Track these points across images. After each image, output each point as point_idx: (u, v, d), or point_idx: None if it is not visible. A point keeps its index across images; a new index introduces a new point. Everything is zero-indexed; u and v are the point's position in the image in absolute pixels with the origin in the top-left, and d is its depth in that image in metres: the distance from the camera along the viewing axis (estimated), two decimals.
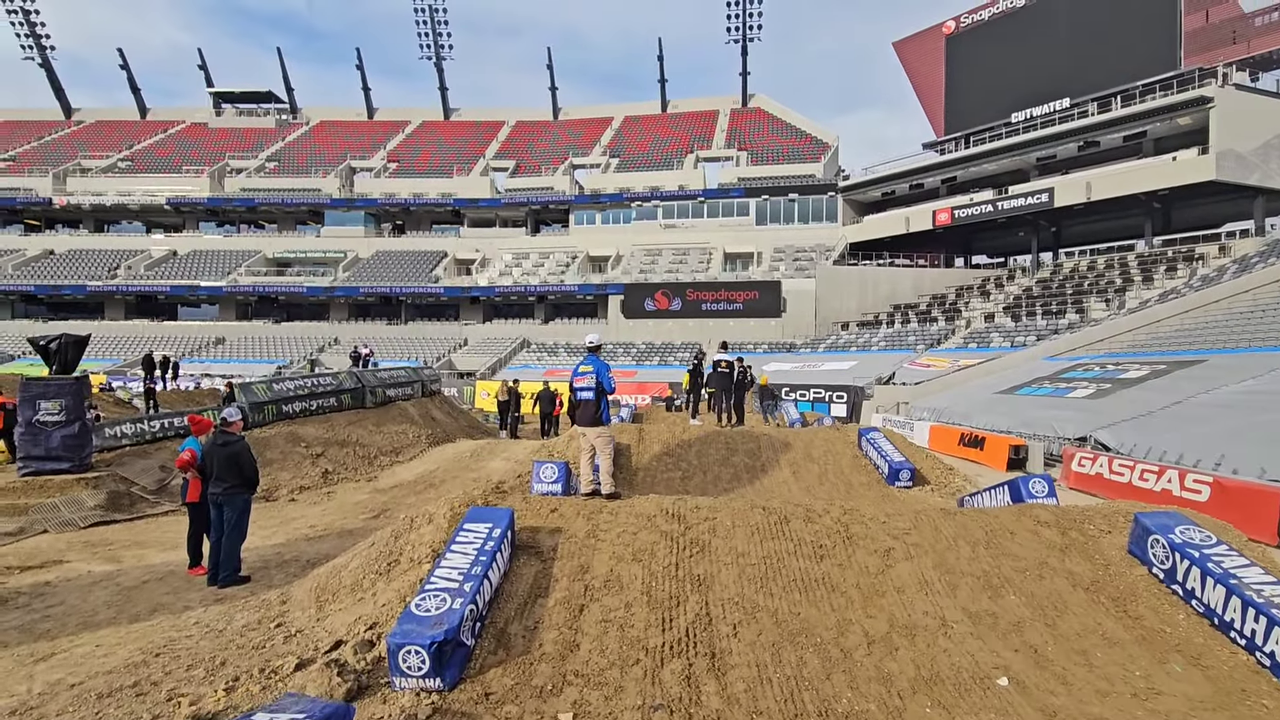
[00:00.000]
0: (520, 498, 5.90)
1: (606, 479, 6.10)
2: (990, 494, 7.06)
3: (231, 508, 6.39)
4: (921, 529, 5.40)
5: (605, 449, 6.29)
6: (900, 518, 5.56)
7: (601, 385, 6.27)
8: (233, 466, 6.38)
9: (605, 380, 6.34)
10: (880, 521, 5.49)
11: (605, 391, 6.30)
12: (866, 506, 5.95)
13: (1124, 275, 30.28)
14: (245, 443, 6.58)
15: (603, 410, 6.39)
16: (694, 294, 38.69)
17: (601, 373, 6.32)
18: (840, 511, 5.65)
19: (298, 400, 11.07)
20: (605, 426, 6.39)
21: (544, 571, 4.87)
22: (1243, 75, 29.90)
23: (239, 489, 6.42)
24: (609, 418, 6.42)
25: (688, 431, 12.24)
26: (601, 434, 6.34)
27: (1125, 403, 14.70)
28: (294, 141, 57.79)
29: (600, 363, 6.39)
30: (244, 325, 43.53)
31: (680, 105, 60.30)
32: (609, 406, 6.42)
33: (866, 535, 5.31)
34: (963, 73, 41.60)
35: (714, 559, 5.03)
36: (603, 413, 6.37)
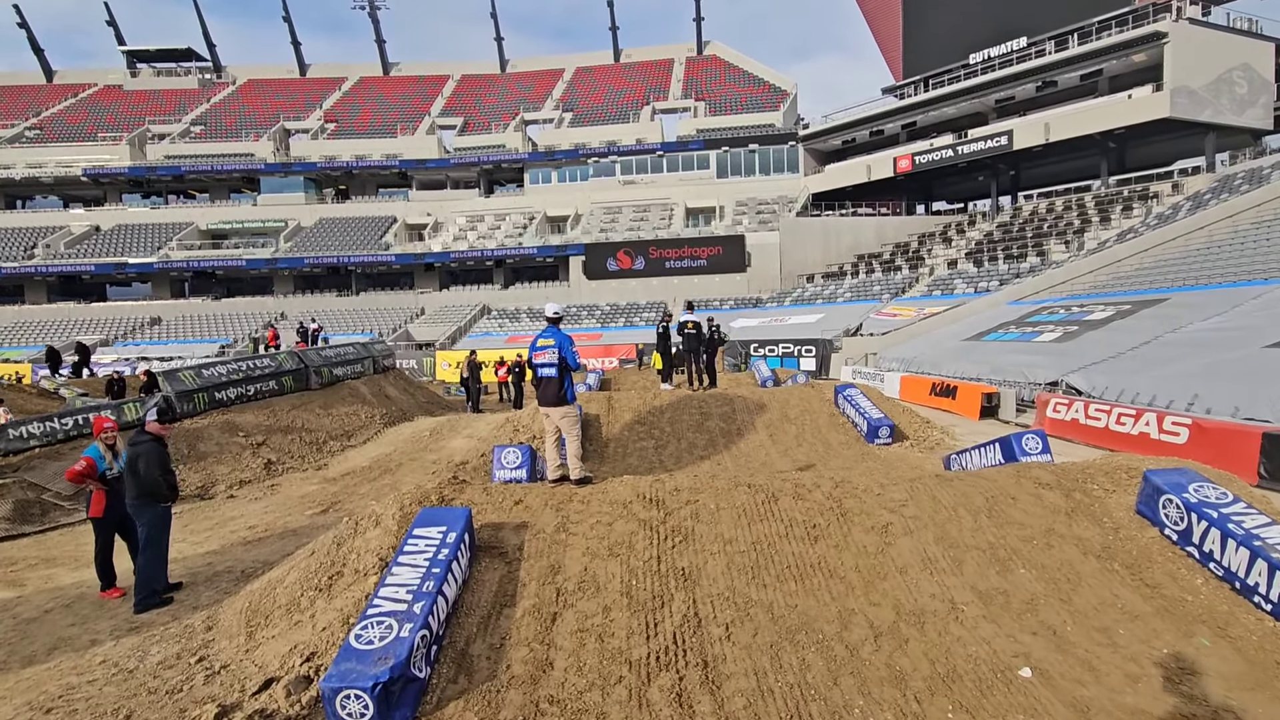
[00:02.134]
0: (480, 488, 5.28)
1: (575, 464, 5.54)
2: (980, 452, 6.73)
3: (140, 522, 5.54)
4: (919, 499, 4.98)
5: (572, 430, 5.72)
6: (895, 487, 5.14)
7: (565, 361, 5.64)
8: (135, 472, 5.47)
9: (568, 355, 5.71)
10: (875, 494, 5.06)
11: (569, 368, 5.69)
12: (858, 476, 5.51)
13: (1082, 216, 30.55)
14: (152, 445, 5.58)
15: (567, 388, 5.76)
16: (657, 251, 37.85)
17: (564, 346, 5.70)
18: (832, 485, 5.19)
19: (232, 386, 10.12)
20: (570, 406, 5.77)
21: (510, 575, 4.29)
22: (1195, 9, 29.83)
23: (145, 499, 5.50)
24: (574, 396, 5.82)
25: (659, 397, 11.73)
26: (567, 414, 5.75)
27: (1093, 345, 14.70)
28: (220, 103, 53.92)
29: (562, 335, 5.75)
30: (181, 304, 41.11)
31: (634, 55, 58.05)
32: (574, 383, 5.82)
33: (862, 510, 4.87)
34: (920, 14, 40.85)
35: (699, 548, 4.52)
36: (567, 391, 5.76)
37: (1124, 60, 30.31)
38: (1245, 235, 19.66)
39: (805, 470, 6.59)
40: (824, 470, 6.49)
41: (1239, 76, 29.95)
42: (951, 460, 7.31)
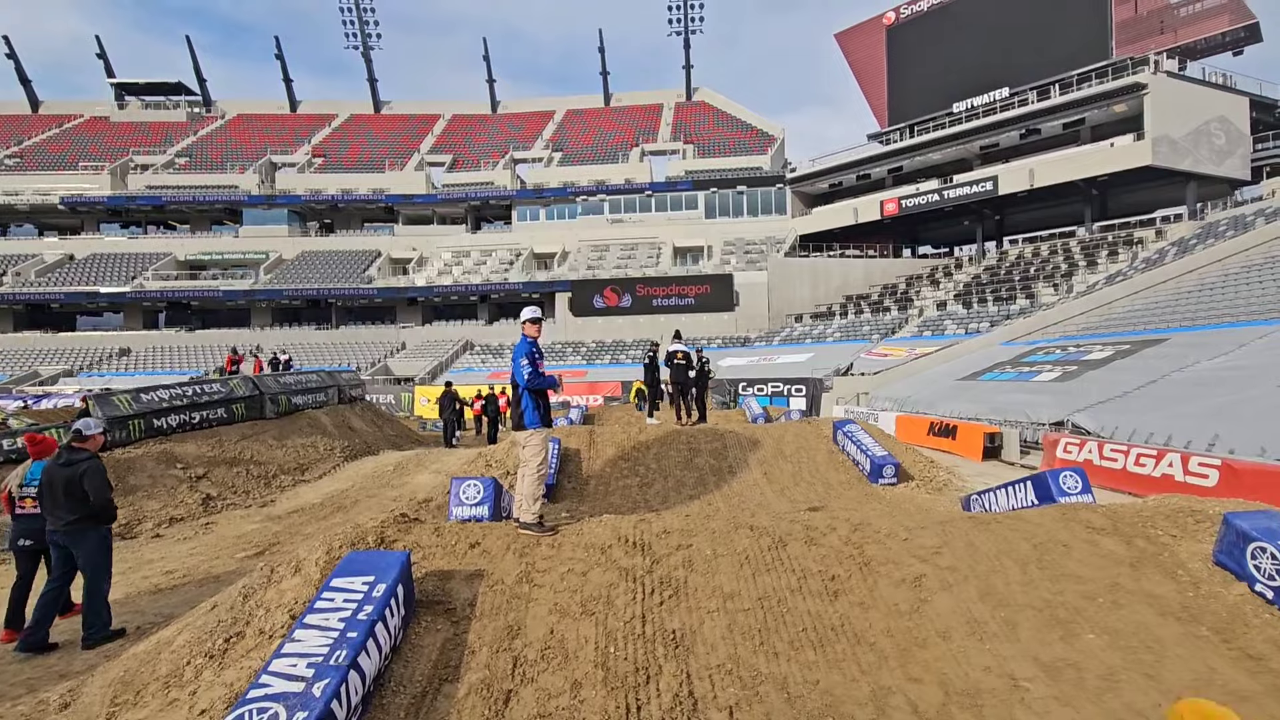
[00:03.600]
0: (430, 529, 4.40)
1: (523, 502, 4.66)
2: (1008, 493, 5.96)
3: (82, 548, 4.86)
4: (954, 546, 4.17)
5: (529, 459, 4.80)
6: (925, 531, 4.33)
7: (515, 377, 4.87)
8: (74, 493, 4.78)
9: (515, 369, 4.84)
10: (901, 538, 4.24)
11: (532, 385, 4.87)
12: (877, 518, 4.70)
13: (1068, 260, 30.62)
14: (97, 462, 4.97)
15: (525, 409, 4.88)
16: (644, 289, 37.43)
17: (515, 357, 4.88)
18: (849, 528, 4.38)
19: (174, 412, 9.17)
20: (528, 432, 4.86)
21: (456, 639, 3.40)
22: (1172, 63, 30.64)
23: (86, 522, 4.83)
24: (534, 420, 4.86)
25: (644, 432, 10.90)
26: (529, 440, 4.86)
27: (1097, 384, 14.14)
28: (208, 135, 53.69)
29: (520, 344, 4.94)
30: (152, 335, 39.82)
31: (623, 99, 58.95)
32: (535, 405, 4.84)
33: (888, 559, 4.05)
34: (904, 63, 41.78)
35: (693, 605, 3.66)
36: (525, 412, 4.89)
37: (1105, 110, 30.92)
38: (1237, 278, 19.51)
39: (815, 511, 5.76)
40: (836, 510, 5.66)
41: (1216, 128, 30.62)
42: (972, 502, 6.53)
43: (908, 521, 4.50)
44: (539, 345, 4.97)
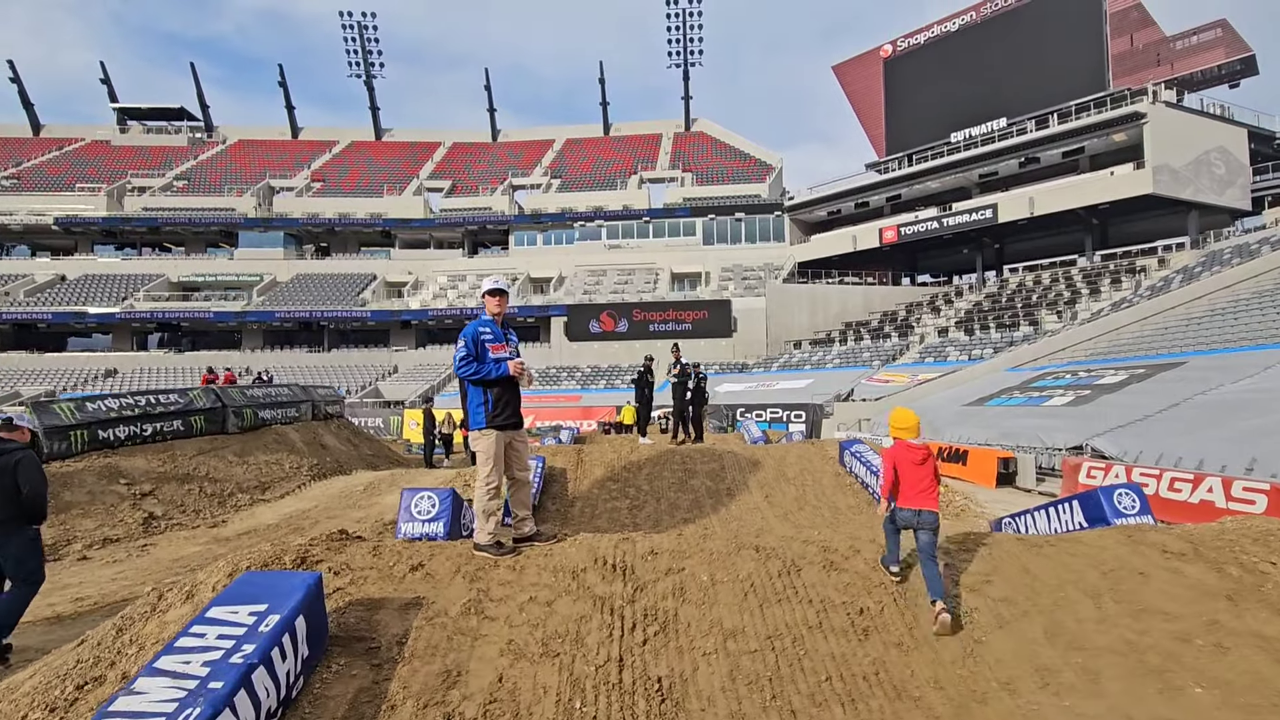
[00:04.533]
0: (369, 548, 3.63)
1: (478, 519, 3.84)
2: (1050, 515, 5.18)
3: (9, 549, 4.19)
4: (1006, 573, 3.41)
5: (480, 467, 3.99)
6: (968, 556, 3.57)
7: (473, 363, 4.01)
8: (4, 486, 4.13)
9: (455, 357, 4.06)
10: (940, 563, 3.47)
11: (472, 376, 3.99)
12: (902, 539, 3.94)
13: (1071, 288, 30.17)
14: (30, 455, 4.33)
15: (470, 404, 4.02)
16: (641, 314, 36.88)
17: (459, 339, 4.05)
18: (877, 550, 3.61)
19: (123, 423, 8.40)
20: (477, 433, 3.99)
21: (374, 689, 2.61)
22: (1170, 94, 30.68)
23: (14, 521, 4.20)
24: (482, 418, 3.96)
25: (636, 452, 10.12)
26: (476, 444, 4.01)
27: (1114, 408, 13.43)
28: (208, 160, 53.72)
29: (469, 325, 4.11)
30: (140, 356, 39.03)
31: (623, 128, 59.34)
32: (482, 401, 3.97)
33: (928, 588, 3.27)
34: (902, 95, 42.04)
35: (685, 645, 2.88)
36: (471, 410, 4.01)
37: (1105, 139, 30.83)
38: (1249, 303, 18.97)
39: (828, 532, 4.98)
40: (857, 531, 4.88)
41: (1216, 158, 30.51)
42: (1004, 525, 5.75)
43: (945, 543, 3.73)
44: (500, 326, 4.17)
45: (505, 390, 4.04)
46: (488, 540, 3.66)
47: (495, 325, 4.15)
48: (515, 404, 4.12)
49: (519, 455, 4.11)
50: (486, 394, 3.98)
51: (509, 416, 4.04)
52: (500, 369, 3.98)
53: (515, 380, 4.06)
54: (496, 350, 4.03)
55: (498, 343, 4.07)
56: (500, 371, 3.98)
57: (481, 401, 3.98)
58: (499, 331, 4.14)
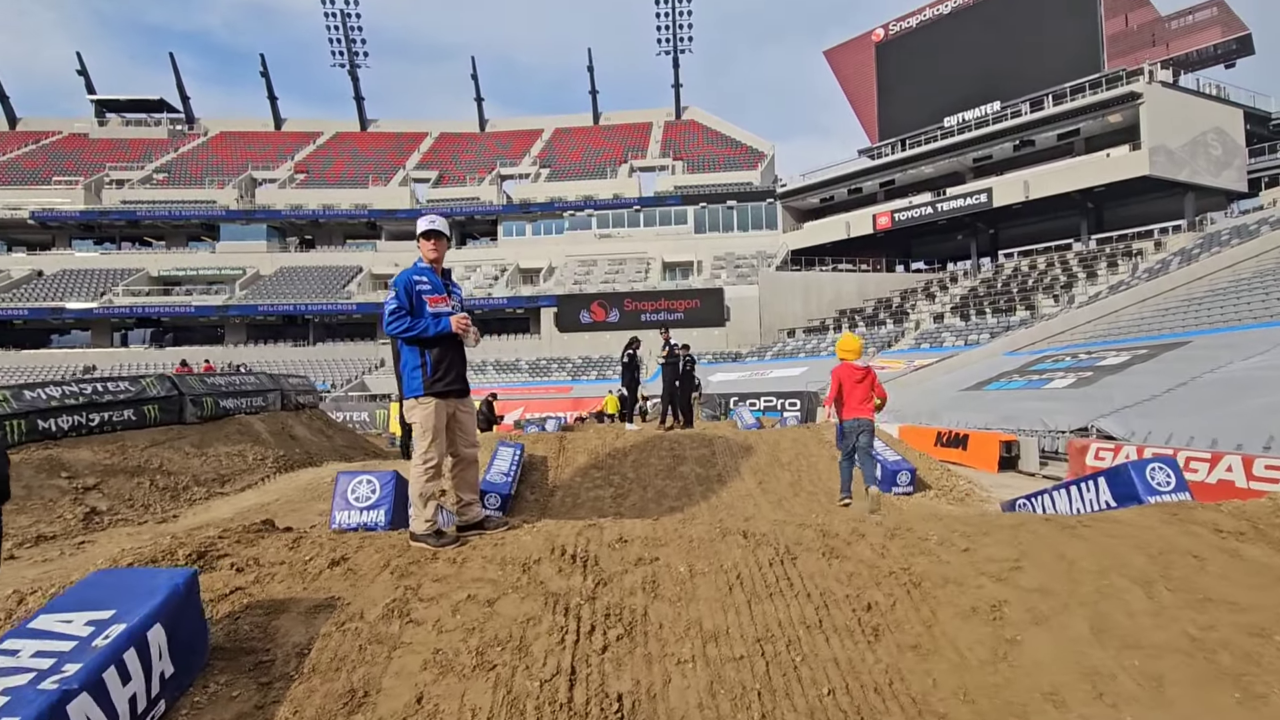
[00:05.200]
0: (287, 540, 3.08)
1: (414, 505, 3.26)
2: (1071, 494, 4.66)
3: None
4: (1037, 559, 2.88)
5: (417, 441, 3.39)
6: (990, 538, 3.04)
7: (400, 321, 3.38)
8: None
9: (384, 310, 3.46)
10: (959, 547, 2.95)
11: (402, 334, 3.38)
12: (919, 521, 3.40)
13: (1067, 272, 29.80)
14: None
15: (405, 365, 3.41)
16: (632, 304, 36.30)
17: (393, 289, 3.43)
18: (884, 534, 3.08)
19: (66, 413, 7.81)
20: (412, 402, 3.39)
21: (256, 716, 2.06)
22: (1166, 74, 30.26)
23: None
24: (418, 383, 3.36)
25: (621, 438, 9.58)
26: (411, 414, 3.39)
27: (1119, 389, 12.99)
28: (189, 152, 52.63)
29: (400, 275, 3.48)
30: (120, 352, 38.16)
31: (613, 117, 58.57)
32: (419, 363, 3.37)
33: (946, 577, 2.75)
34: (894, 79, 41.47)
35: (655, 652, 2.34)
36: (406, 373, 3.42)
37: (1100, 121, 30.39)
38: (1251, 283, 18.57)
39: None
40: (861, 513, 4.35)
41: (1213, 139, 30.13)
42: (1018, 508, 5.24)
43: (963, 525, 3.21)
44: (439, 275, 3.55)
45: (447, 350, 3.45)
46: (425, 528, 3.10)
47: (433, 274, 3.55)
48: (459, 366, 3.55)
49: (464, 428, 3.55)
50: (424, 354, 3.38)
51: (452, 381, 3.45)
52: (441, 324, 3.39)
53: (458, 339, 3.50)
54: (436, 303, 3.46)
55: (437, 294, 3.49)
56: (441, 328, 3.38)
57: (418, 363, 3.37)
58: (438, 281, 3.55)
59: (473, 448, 3.57)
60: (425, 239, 3.54)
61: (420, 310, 3.39)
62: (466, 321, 3.49)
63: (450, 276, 3.66)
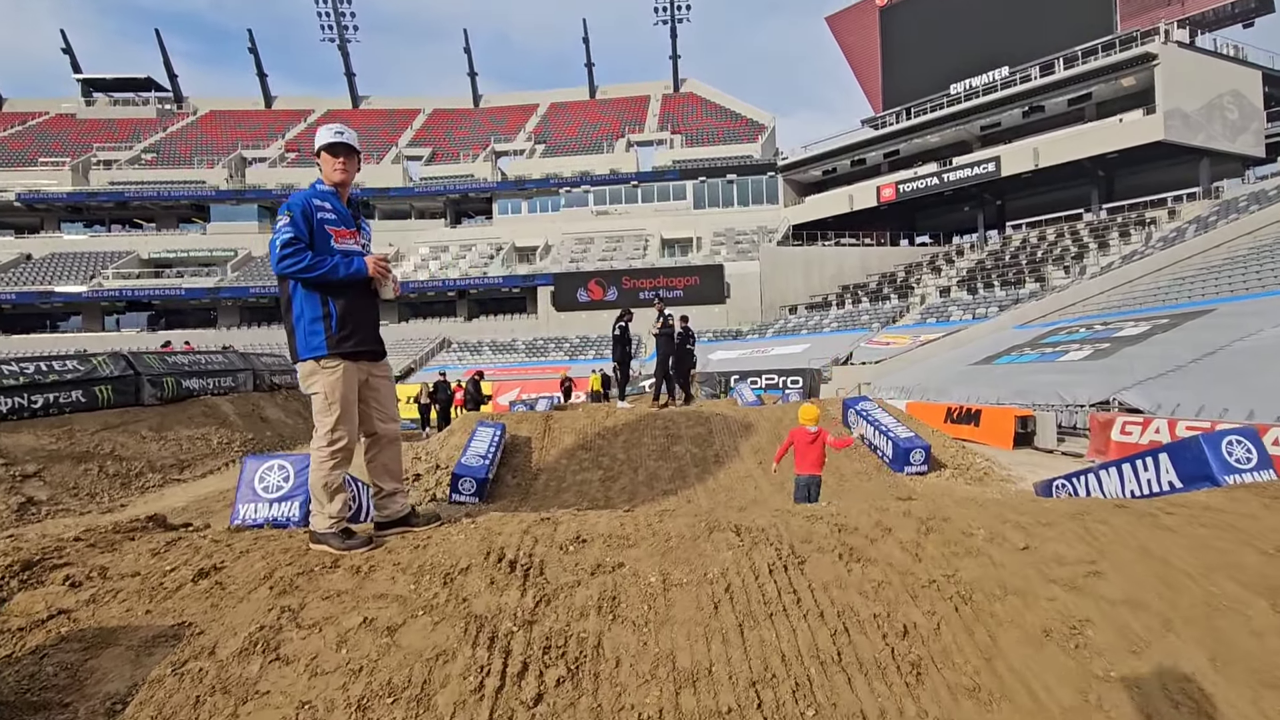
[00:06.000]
0: (152, 546, 2.42)
1: (315, 497, 2.58)
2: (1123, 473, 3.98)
3: None
4: (1116, 555, 2.21)
5: (319, 416, 2.66)
6: (1052, 531, 2.36)
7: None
8: None
9: (273, 242, 2.63)
10: (1015, 545, 2.28)
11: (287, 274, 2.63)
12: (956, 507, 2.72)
13: (1078, 243, 28.88)
14: None
15: (301, 316, 2.63)
16: (630, 281, 35.48)
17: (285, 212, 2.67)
18: (916, 526, 2.41)
19: (4, 394, 7.18)
20: (310, 365, 2.63)
21: None
22: (1183, 34, 29.01)
23: None
24: (318, 339, 2.61)
25: (612, 417, 8.93)
26: (309, 384, 2.64)
27: (1141, 360, 12.28)
28: (178, 132, 51.50)
29: (295, 196, 2.72)
30: (110, 336, 37.42)
31: (609, 91, 57.19)
32: (320, 314, 2.62)
33: (1004, 584, 2.08)
34: (898, 45, 40.10)
35: (609, 703, 1.68)
36: (301, 327, 2.63)
37: (1113, 85, 29.24)
38: (1274, 249, 17.74)
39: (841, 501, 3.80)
40: (881, 500, 3.67)
41: (1229, 102, 29.00)
42: (1055, 487, 4.58)
43: (1014, 514, 2.53)
44: (346, 205, 2.85)
45: (358, 299, 2.72)
46: (328, 526, 2.44)
47: (339, 201, 2.83)
48: (372, 322, 2.86)
49: (381, 399, 2.86)
50: (328, 303, 2.62)
51: (364, 339, 2.73)
52: (352, 265, 2.67)
53: (372, 287, 2.81)
54: (343, 238, 2.74)
55: (344, 227, 2.76)
56: (352, 269, 2.65)
57: (319, 314, 2.61)
58: (344, 210, 2.81)
59: (392, 423, 2.90)
60: (330, 154, 2.80)
61: (324, 245, 2.66)
62: (386, 265, 2.79)
63: (359, 209, 2.95)
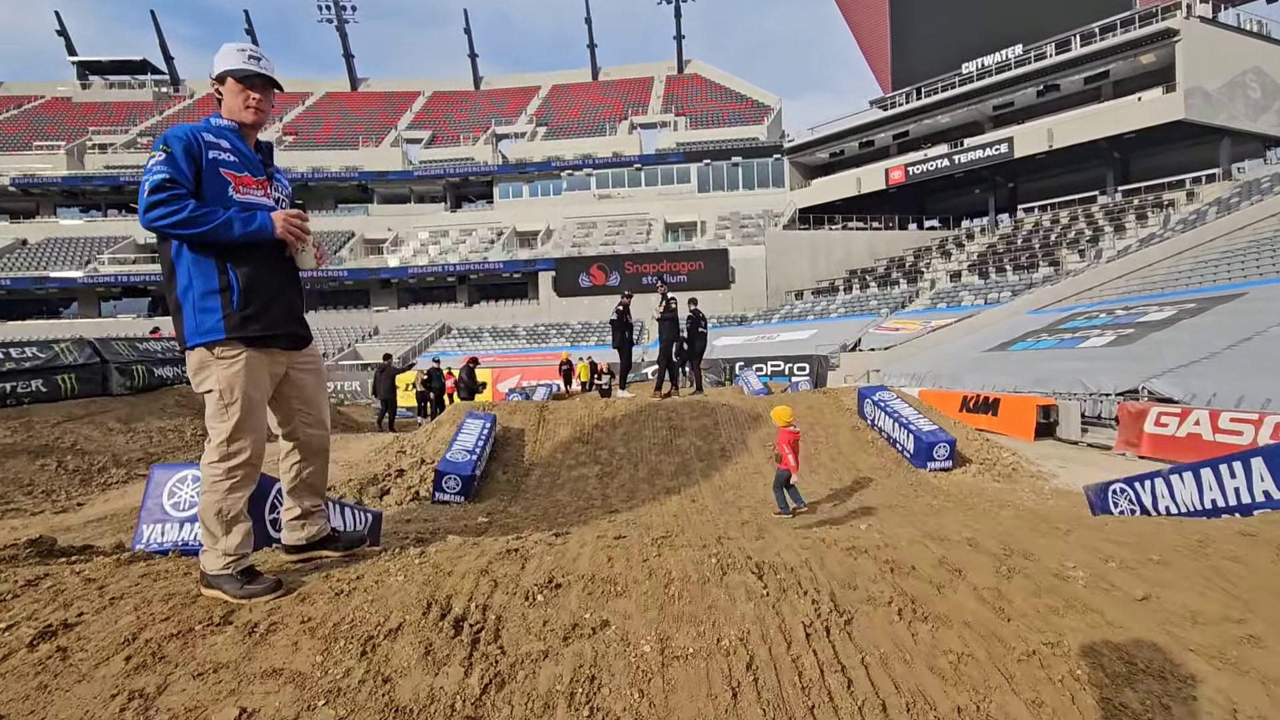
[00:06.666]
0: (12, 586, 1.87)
1: (207, 526, 1.95)
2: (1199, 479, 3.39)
3: None
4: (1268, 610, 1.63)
5: (213, 422, 2.03)
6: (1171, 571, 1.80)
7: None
8: None
9: (144, 183, 1.90)
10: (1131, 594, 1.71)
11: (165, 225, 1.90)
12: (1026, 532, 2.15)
13: (1092, 226, 28.06)
14: None
15: (189, 290, 1.99)
16: (633, 266, 34.82)
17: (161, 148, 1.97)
18: (991, 560, 1.84)
19: None
20: (198, 355, 2.00)
21: None
22: (1205, 8, 27.98)
23: None
24: (215, 324, 1.97)
25: (611, 407, 8.38)
26: (203, 373, 2.01)
27: (1171, 346, 11.67)
28: (174, 115, 50.67)
29: (179, 128, 2.01)
30: (107, 323, 37.02)
31: (612, 73, 56.08)
32: (215, 285, 1.97)
33: (1131, 659, 1.51)
34: (909, 23, 39.04)
35: None
36: (189, 303, 1.99)
37: (1131, 62, 28.28)
38: None
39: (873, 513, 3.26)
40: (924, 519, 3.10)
41: (1251, 80, 28.04)
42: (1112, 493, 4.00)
43: (1111, 545, 1.96)
44: (254, 148, 2.17)
45: (268, 267, 2.10)
46: (223, 566, 1.89)
47: (242, 141, 2.15)
48: (291, 299, 2.23)
49: (305, 396, 2.24)
50: (227, 271, 1.99)
51: (276, 320, 2.11)
52: (253, 222, 2.01)
53: (285, 252, 2.20)
54: (246, 187, 2.09)
55: (248, 174, 2.10)
56: (253, 227, 2.00)
57: (214, 287, 1.97)
58: (249, 153, 2.13)
59: (321, 429, 2.30)
60: (243, 85, 2.12)
61: (217, 194, 2.00)
62: (303, 223, 2.18)
63: (271, 156, 2.33)
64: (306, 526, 2.21)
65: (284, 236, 2.06)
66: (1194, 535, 2.04)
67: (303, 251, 2.12)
